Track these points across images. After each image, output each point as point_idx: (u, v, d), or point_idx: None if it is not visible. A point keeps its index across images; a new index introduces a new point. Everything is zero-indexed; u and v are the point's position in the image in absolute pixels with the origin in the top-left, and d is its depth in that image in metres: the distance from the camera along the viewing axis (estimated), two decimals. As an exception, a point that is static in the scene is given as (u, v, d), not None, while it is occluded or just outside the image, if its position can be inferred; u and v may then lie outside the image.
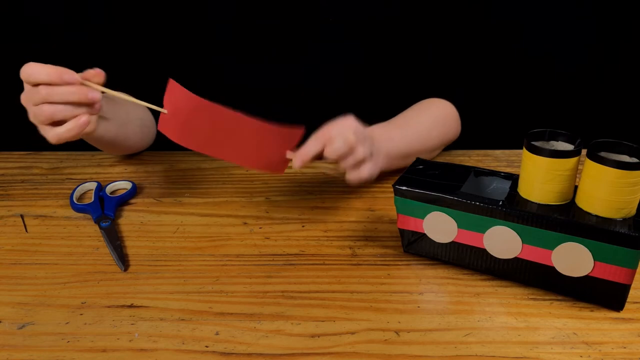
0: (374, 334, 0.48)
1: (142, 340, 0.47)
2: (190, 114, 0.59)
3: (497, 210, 0.51)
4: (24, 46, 1.08)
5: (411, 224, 0.56)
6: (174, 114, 0.59)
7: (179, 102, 0.59)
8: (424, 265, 0.57)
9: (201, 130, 0.60)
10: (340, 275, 0.56)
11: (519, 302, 0.52)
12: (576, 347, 0.46)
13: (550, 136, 0.52)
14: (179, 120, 0.59)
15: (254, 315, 0.50)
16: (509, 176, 0.57)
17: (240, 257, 0.59)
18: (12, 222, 0.66)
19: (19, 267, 0.57)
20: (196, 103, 0.59)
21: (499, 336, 0.47)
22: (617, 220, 0.48)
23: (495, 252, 0.53)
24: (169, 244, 0.61)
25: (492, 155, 0.84)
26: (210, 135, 0.60)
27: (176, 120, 0.59)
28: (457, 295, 0.53)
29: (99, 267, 0.57)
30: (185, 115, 0.59)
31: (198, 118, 0.59)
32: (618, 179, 0.46)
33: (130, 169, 0.80)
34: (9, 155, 0.85)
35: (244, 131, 0.60)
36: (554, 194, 0.50)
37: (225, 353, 0.46)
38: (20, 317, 0.50)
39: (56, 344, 0.47)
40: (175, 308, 0.51)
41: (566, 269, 0.50)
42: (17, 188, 0.75)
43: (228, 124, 0.60)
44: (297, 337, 0.47)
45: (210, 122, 0.60)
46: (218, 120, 0.60)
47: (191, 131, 0.60)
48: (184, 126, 0.59)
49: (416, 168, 0.59)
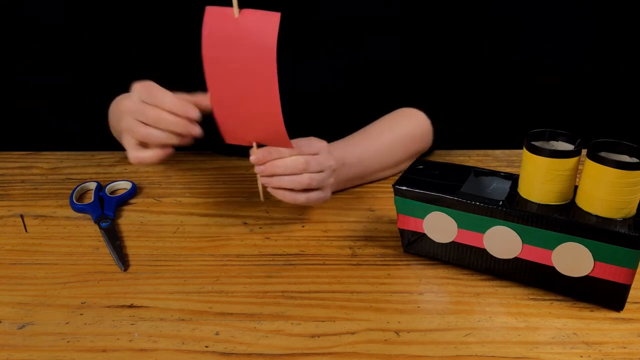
0: (374, 334, 0.48)
1: (142, 340, 0.47)
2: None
3: (497, 210, 0.51)
4: (24, 46, 1.09)
5: (411, 224, 0.56)
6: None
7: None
8: (424, 265, 0.57)
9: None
10: (340, 275, 0.56)
11: (519, 302, 0.52)
12: (576, 347, 0.46)
13: (550, 136, 0.52)
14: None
15: (254, 315, 0.50)
16: (509, 176, 0.57)
17: (240, 257, 0.59)
18: (12, 222, 0.66)
19: (18, 267, 0.57)
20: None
21: (499, 336, 0.47)
22: (617, 220, 0.48)
23: (496, 252, 0.53)
24: (169, 244, 0.61)
25: (492, 155, 0.84)
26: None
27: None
28: (457, 295, 0.53)
29: (99, 267, 0.57)
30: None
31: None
32: (618, 179, 0.46)
33: (130, 168, 0.80)
34: (9, 155, 0.85)
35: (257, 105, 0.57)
36: (554, 194, 0.50)
37: (225, 353, 0.46)
38: (20, 317, 0.50)
39: (56, 344, 0.47)
40: (175, 308, 0.51)
41: (566, 269, 0.50)
42: (17, 188, 0.75)
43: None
44: (297, 337, 0.47)
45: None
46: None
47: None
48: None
49: (416, 168, 0.59)
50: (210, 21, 0.55)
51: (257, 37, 0.54)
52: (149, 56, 0.84)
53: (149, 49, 0.84)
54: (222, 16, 0.55)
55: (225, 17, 0.55)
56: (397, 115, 0.78)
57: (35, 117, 1.15)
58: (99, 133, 0.81)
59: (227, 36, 0.55)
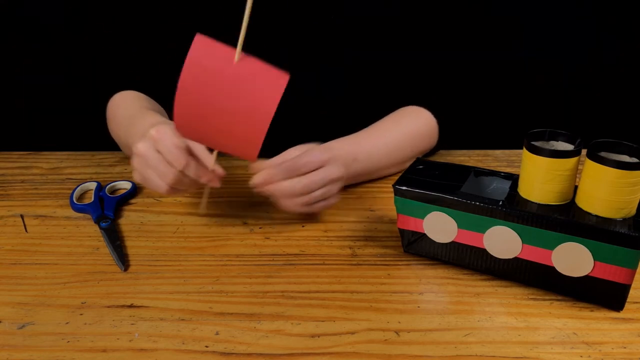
0: (374, 334, 0.48)
1: (142, 340, 0.47)
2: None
3: (497, 210, 0.51)
4: (24, 46, 1.09)
5: (411, 224, 0.56)
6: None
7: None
8: (424, 265, 0.57)
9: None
10: (340, 275, 0.56)
11: (519, 302, 0.52)
12: (576, 347, 0.46)
13: (550, 136, 0.52)
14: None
15: (254, 315, 0.50)
16: (509, 176, 0.57)
17: (240, 257, 0.59)
18: (12, 222, 0.66)
19: (18, 267, 0.57)
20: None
21: (499, 336, 0.47)
22: (617, 220, 0.48)
23: (495, 252, 0.53)
24: (169, 244, 0.61)
25: (492, 155, 0.84)
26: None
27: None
28: (457, 295, 0.53)
29: (99, 267, 0.57)
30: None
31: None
32: (618, 179, 0.46)
33: (130, 168, 0.80)
34: (8, 155, 0.85)
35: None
36: (554, 194, 0.50)
37: (225, 353, 0.46)
38: (20, 317, 0.50)
39: (56, 344, 0.47)
40: (175, 308, 0.51)
41: (566, 269, 0.50)
42: (17, 188, 0.75)
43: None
44: (297, 337, 0.47)
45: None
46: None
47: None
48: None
49: (416, 168, 0.59)
50: (199, 52, 0.49)
51: (254, 97, 0.50)
52: (149, 56, 0.84)
53: (149, 49, 0.84)
54: (216, 53, 0.50)
55: (221, 55, 0.50)
56: (403, 112, 0.78)
57: (35, 117, 1.15)
58: (98, 133, 0.81)
59: (217, 77, 0.49)
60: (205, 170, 0.58)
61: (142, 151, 0.57)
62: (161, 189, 0.58)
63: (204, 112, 0.51)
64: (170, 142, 0.55)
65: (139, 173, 0.59)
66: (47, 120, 1.15)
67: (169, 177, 0.56)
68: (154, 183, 0.58)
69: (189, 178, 0.57)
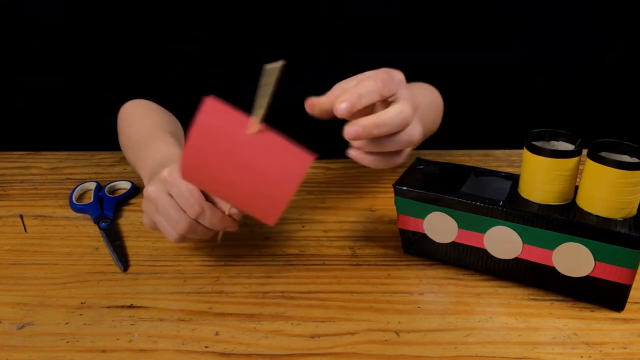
0: (374, 335, 0.48)
1: (142, 341, 0.47)
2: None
3: (498, 210, 0.51)
4: (24, 46, 1.09)
5: (411, 224, 0.56)
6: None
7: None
8: (424, 265, 0.57)
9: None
10: (340, 276, 0.56)
11: (520, 303, 0.51)
12: (577, 347, 0.46)
13: (550, 136, 0.52)
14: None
15: (253, 315, 0.50)
16: (509, 176, 0.57)
17: (240, 257, 0.59)
18: (12, 222, 0.66)
19: (18, 267, 0.57)
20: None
21: (500, 336, 0.47)
22: (617, 220, 0.48)
23: (496, 252, 0.53)
24: (169, 244, 0.61)
25: (492, 155, 0.84)
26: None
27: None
28: (458, 295, 0.53)
29: (98, 268, 0.57)
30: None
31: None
32: (619, 179, 0.46)
33: (130, 168, 0.80)
34: (8, 155, 0.85)
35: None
36: (554, 194, 0.50)
37: (225, 353, 0.46)
38: (19, 317, 0.50)
39: (56, 345, 0.47)
40: (175, 308, 0.51)
41: (567, 269, 0.50)
42: (16, 188, 0.75)
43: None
44: (297, 338, 0.47)
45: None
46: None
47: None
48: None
49: (416, 168, 0.59)
50: (208, 120, 0.44)
51: (273, 168, 0.44)
52: (149, 56, 0.84)
53: (149, 49, 0.84)
54: (228, 119, 0.44)
55: (233, 122, 0.44)
56: (421, 84, 0.78)
57: (35, 117, 1.15)
58: (98, 133, 0.81)
59: (230, 145, 0.44)
60: (220, 217, 0.52)
61: (152, 195, 0.51)
62: (171, 237, 0.52)
63: (213, 181, 0.46)
64: (184, 186, 0.50)
65: (149, 218, 0.53)
66: (46, 120, 1.15)
67: (180, 225, 0.50)
68: (165, 230, 0.52)
69: (201, 228, 0.52)
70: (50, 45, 1.08)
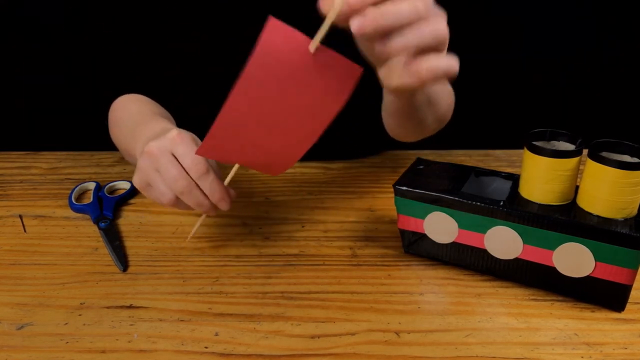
0: (374, 335, 0.48)
1: (141, 341, 0.47)
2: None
3: (498, 210, 0.51)
4: (24, 46, 1.09)
5: (412, 224, 0.56)
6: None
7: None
8: (424, 265, 0.57)
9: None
10: (340, 276, 0.55)
11: (520, 303, 0.51)
12: (577, 347, 0.46)
13: (551, 136, 0.52)
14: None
15: (253, 316, 0.50)
16: (509, 176, 0.57)
17: (239, 257, 0.59)
18: (11, 222, 0.66)
19: (17, 267, 0.57)
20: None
21: (500, 337, 0.47)
22: (618, 220, 0.48)
23: (496, 252, 0.53)
24: (168, 245, 0.61)
25: (493, 155, 0.84)
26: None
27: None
28: (458, 295, 0.53)
29: (98, 268, 0.57)
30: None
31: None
32: (619, 179, 0.46)
33: (129, 168, 0.80)
34: (7, 155, 0.85)
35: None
36: (555, 194, 0.50)
37: (225, 354, 0.46)
38: (19, 317, 0.50)
39: (55, 345, 0.46)
40: (175, 309, 0.51)
41: (567, 270, 0.50)
42: (15, 188, 0.74)
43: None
44: (297, 338, 0.47)
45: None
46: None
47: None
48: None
49: (417, 168, 0.59)
50: (272, 39, 0.44)
51: (325, 91, 0.46)
52: (149, 56, 0.84)
53: (149, 49, 0.84)
54: (290, 40, 0.45)
55: (295, 43, 0.45)
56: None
57: (35, 117, 1.15)
58: (98, 133, 0.81)
59: (288, 65, 0.45)
60: (219, 187, 0.52)
61: (155, 151, 0.49)
62: (164, 197, 0.50)
63: (261, 110, 0.46)
64: (191, 148, 0.49)
65: (144, 175, 0.51)
66: (46, 120, 1.15)
67: (179, 183, 0.49)
68: (158, 189, 0.51)
69: (198, 192, 0.50)
70: (50, 45, 1.08)
